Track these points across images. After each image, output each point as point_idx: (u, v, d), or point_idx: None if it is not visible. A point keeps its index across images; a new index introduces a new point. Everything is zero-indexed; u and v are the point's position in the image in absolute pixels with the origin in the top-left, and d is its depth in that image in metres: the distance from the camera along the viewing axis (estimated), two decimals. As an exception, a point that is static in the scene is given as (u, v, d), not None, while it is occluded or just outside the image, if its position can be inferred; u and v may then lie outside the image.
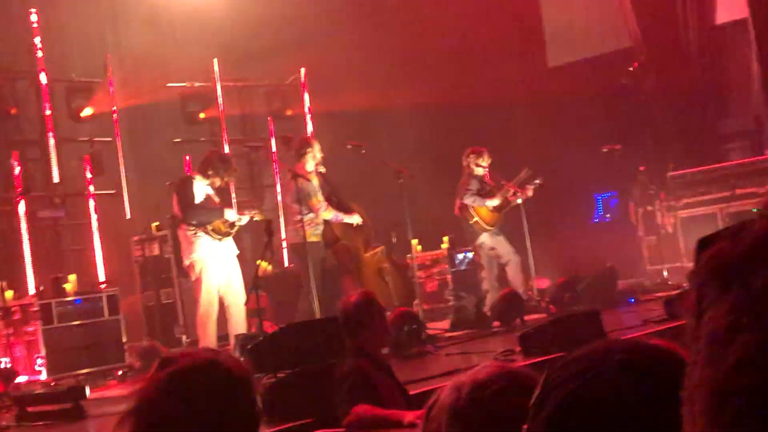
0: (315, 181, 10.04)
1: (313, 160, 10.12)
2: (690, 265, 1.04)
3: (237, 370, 1.85)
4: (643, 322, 8.61)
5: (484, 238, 11.50)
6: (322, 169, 10.28)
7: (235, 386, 1.83)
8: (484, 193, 11.47)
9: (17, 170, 11.51)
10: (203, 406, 1.79)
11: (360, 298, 5.37)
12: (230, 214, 9.34)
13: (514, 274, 11.44)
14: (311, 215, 9.92)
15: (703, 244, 1.02)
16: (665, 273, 12.43)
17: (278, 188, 13.92)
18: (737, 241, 0.98)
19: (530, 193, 11.54)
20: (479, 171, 11.50)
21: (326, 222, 10.15)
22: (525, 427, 1.24)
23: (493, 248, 11.52)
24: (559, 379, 1.21)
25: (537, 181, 11.54)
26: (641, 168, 13.80)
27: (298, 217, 9.62)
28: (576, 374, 1.20)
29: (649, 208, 13.98)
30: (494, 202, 11.40)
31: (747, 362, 0.92)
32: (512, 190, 11.48)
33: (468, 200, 11.38)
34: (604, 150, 12.67)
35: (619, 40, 15.53)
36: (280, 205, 13.59)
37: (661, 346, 1.26)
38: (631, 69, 14.50)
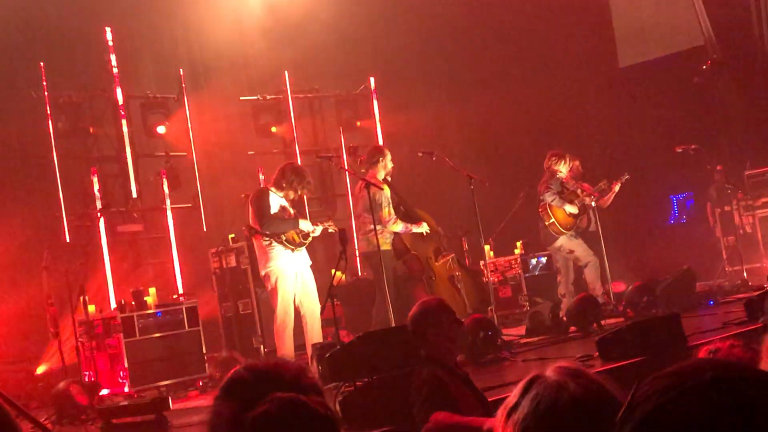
0: (387, 191, 10.07)
1: (383, 170, 10.18)
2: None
3: (323, 412, 1.86)
4: (723, 325, 8.44)
5: (563, 241, 11.42)
6: (389, 178, 10.32)
7: (321, 429, 1.85)
8: (564, 196, 11.39)
9: (96, 186, 11.78)
10: None
11: (416, 310, 5.35)
12: (305, 225, 9.42)
13: (593, 276, 11.34)
14: (380, 226, 9.97)
15: None
16: (745, 274, 12.18)
17: (350, 198, 14.00)
18: None
19: (617, 188, 11.68)
20: (560, 175, 11.45)
21: (396, 233, 10.19)
22: None
23: (571, 251, 11.44)
24: (647, 394, 1.20)
25: (626, 176, 11.70)
26: (718, 167, 13.57)
27: (371, 227, 9.67)
28: (665, 389, 1.19)
29: (727, 208, 13.74)
30: (573, 209, 11.34)
31: None
32: (592, 197, 11.42)
33: (548, 198, 11.29)
34: (679, 150, 12.49)
35: (691, 38, 15.30)
36: (353, 214, 13.68)
37: (751, 366, 1.25)
38: (704, 67, 14.29)
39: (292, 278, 9.32)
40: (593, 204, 11.49)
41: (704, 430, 1.14)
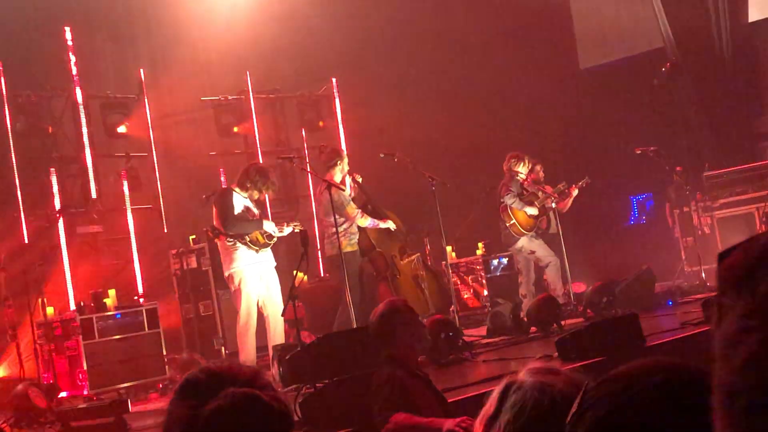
0: (347, 191, 10.10)
1: (341, 173, 10.17)
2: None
3: (277, 406, 1.87)
4: (682, 325, 8.54)
5: (524, 242, 11.50)
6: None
7: (275, 423, 1.85)
8: (524, 198, 11.48)
9: (56, 187, 11.66)
10: None
11: (385, 308, 5.35)
12: (269, 226, 9.39)
13: (554, 276, 11.44)
14: (346, 225, 9.96)
15: (722, 256, 1.05)
16: (703, 274, 12.31)
17: (312, 199, 13.97)
18: (747, 251, 1.01)
19: (575, 192, 11.81)
20: (519, 177, 11.54)
21: (361, 230, 10.18)
22: None
23: (532, 252, 11.53)
24: (597, 398, 1.19)
25: (586, 180, 11.92)
26: (677, 168, 13.71)
27: (333, 229, 9.66)
28: (613, 393, 1.18)
29: (686, 209, 13.88)
30: (533, 210, 11.43)
31: (752, 362, 0.95)
32: (552, 198, 11.52)
33: (508, 200, 11.37)
34: (638, 152, 12.62)
35: (651, 40, 15.45)
36: (315, 215, 13.65)
37: (702, 369, 1.23)
38: (663, 69, 14.42)
39: (256, 279, 9.29)
40: (554, 206, 11.59)
41: None
